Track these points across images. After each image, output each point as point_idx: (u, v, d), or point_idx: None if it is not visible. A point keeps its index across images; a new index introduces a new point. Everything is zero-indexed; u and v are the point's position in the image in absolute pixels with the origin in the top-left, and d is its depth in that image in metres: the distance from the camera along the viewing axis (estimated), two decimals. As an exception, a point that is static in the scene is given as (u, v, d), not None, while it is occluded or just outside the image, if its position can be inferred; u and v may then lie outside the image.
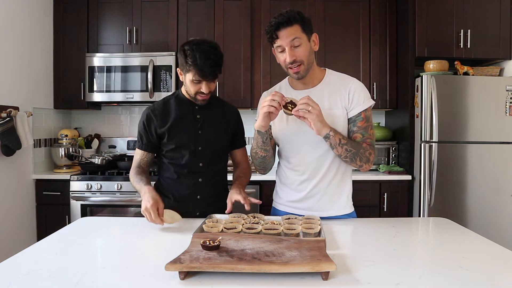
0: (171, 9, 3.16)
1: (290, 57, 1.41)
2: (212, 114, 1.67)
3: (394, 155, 3.18)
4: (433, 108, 2.78)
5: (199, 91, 1.55)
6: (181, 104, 1.66)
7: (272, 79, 3.11)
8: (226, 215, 1.49)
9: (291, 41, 1.40)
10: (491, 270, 1.01)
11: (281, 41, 1.40)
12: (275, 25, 1.40)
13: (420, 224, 1.62)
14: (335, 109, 1.48)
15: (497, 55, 2.95)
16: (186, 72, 1.53)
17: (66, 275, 0.98)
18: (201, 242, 1.04)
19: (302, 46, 1.41)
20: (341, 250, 1.15)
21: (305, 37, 1.42)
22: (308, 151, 1.52)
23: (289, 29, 1.39)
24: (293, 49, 1.41)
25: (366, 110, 1.48)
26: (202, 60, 1.46)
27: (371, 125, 1.50)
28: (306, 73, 1.47)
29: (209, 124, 1.66)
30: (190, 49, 1.48)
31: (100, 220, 1.67)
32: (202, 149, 1.63)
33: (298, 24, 1.41)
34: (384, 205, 2.90)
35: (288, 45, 1.40)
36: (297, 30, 1.40)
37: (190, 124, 1.63)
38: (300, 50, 1.42)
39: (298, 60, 1.42)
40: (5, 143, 2.57)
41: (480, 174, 2.81)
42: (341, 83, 1.51)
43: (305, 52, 1.43)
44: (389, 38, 3.17)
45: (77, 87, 3.17)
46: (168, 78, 3.08)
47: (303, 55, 1.42)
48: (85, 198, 2.85)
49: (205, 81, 1.52)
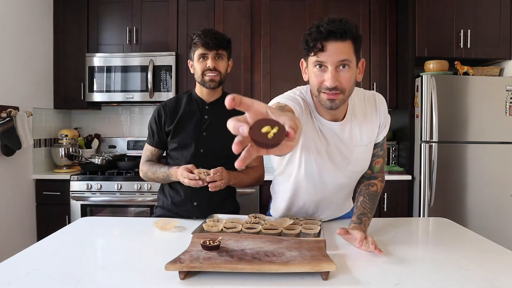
0: (171, 9, 3.16)
1: (333, 81, 1.10)
2: (221, 115, 1.58)
3: (394, 155, 3.18)
4: (433, 108, 2.78)
5: (205, 67, 1.55)
6: (191, 102, 1.64)
7: (272, 79, 3.11)
8: (226, 215, 1.49)
9: (341, 61, 1.10)
10: (491, 270, 1.01)
11: (327, 57, 1.09)
12: (325, 33, 1.07)
13: (420, 224, 1.62)
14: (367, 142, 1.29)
15: (497, 55, 2.95)
16: (193, 54, 1.58)
17: (66, 275, 0.98)
18: (201, 242, 1.04)
19: (349, 71, 1.11)
20: (341, 250, 1.15)
21: (354, 60, 1.13)
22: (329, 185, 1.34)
23: (342, 45, 1.09)
24: (339, 72, 1.11)
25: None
26: (205, 33, 1.53)
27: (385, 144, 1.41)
28: (342, 104, 1.16)
29: (216, 125, 1.60)
30: (195, 32, 1.57)
31: (100, 220, 1.67)
32: (204, 152, 1.59)
33: (352, 41, 1.11)
34: (384, 205, 2.90)
35: (334, 65, 1.10)
36: (350, 48, 1.10)
37: (196, 124, 1.60)
38: (346, 76, 1.11)
39: (340, 88, 1.11)
40: (5, 143, 2.57)
41: (480, 174, 2.81)
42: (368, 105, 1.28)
43: (351, 79, 1.13)
44: (389, 38, 3.17)
45: (77, 87, 3.17)
46: (168, 78, 3.08)
47: (347, 82, 1.12)
48: (85, 198, 2.85)
49: (210, 52, 1.54)
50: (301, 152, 1.26)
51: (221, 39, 1.56)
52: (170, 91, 3.06)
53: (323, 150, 1.26)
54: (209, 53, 1.54)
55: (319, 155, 1.26)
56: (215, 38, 1.53)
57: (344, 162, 1.30)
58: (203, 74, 1.56)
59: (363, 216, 1.25)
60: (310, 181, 1.32)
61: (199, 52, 1.55)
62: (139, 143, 3.42)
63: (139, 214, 2.85)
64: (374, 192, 1.34)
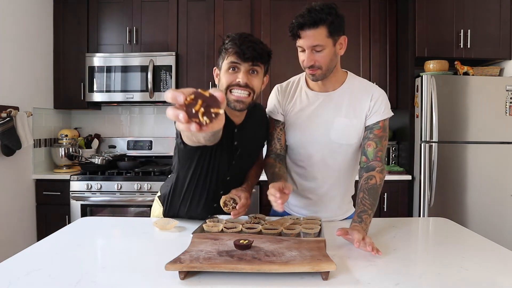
0: (171, 9, 3.16)
1: (309, 61, 1.32)
2: (252, 138, 1.43)
3: (394, 155, 3.18)
4: (433, 108, 2.78)
5: (234, 82, 1.27)
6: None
7: (272, 79, 3.11)
8: (226, 215, 1.48)
9: (313, 46, 1.30)
10: (491, 270, 1.01)
11: (303, 42, 1.31)
12: (299, 24, 1.28)
13: (420, 224, 1.62)
14: (352, 118, 1.41)
15: (497, 55, 2.95)
16: (222, 60, 1.31)
17: (66, 275, 0.98)
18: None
19: (324, 51, 1.31)
20: (341, 250, 1.15)
21: (330, 42, 1.31)
22: (317, 156, 1.46)
23: (313, 32, 1.28)
24: (314, 53, 1.32)
25: (385, 120, 1.43)
26: (241, 40, 1.26)
27: (386, 136, 1.43)
28: (323, 77, 1.38)
29: (246, 151, 1.43)
30: (230, 35, 1.32)
31: (100, 220, 1.67)
32: (230, 179, 1.45)
33: (325, 26, 1.28)
34: (384, 205, 2.90)
35: (309, 49, 1.31)
36: (322, 33, 1.28)
37: (225, 152, 1.38)
38: (320, 56, 1.32)
39: (317, 65, 1.33)
40: (5, 143, 2.57)
41: (480, 174, 2.81)
42: (364, 90, 1.43)
43: (326, 58, 1.33)
44: (389, 38, 3.17)
45: (77, 87, 3.17)
46: (168, 78, 3.08)
47: (322, 61, 1.33)
48: (85, 198, 2.85)
49: (244, 64, 1.26)
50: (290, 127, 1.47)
51: (261, 50, 1.28)
52: (170, 91, 3.06)
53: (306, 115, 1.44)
54: (242, 65, 1.27)
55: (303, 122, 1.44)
56: (254, 48, 1.26)
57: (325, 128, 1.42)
58: (229, 89, 1.28)
59: (364, 214, 1.25)
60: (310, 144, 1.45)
61: (230, 60, 1.27)
62: (139, 143, 3.42)
63: (139, 214, 2.85)
64: (374, 185, 1.33)
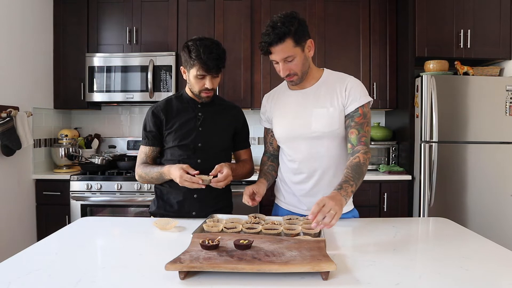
0: (171, 9, 3.16)
1: (284, 71, 1.45)
2: (214, 112, 1.68)
3: (394, 155, 3.18)
4: (433, 108, 2.78)
5: (203, 88, 1.56)
6: (183, 102, 1.68)
7: (272, 79, 3.12)
8: (227, 215, 1.49)
9: (284, 58, 1.42)
10: (491, 270, 1.01)
11: (275, 56, 1.43)
12: (266, 44, 1.41)
13: (420, 224, 1.62)
14: (330, 107, 1.50)
15: (497, 55, 2.95)
16: (190, 68, 1.55)
17: (66, 275, 0.98)
18: (200, 241, 1.04)
19: (295, 60, 1.43)
20: (341, 250, 1.15)
21: (298, 50, 1.43)
22: (305, 148, 1.53)
23: (281, 46, 1.40)
24: (287, 63, 1.44)
25: (364, 106, 1.48)
26: (206, 54, 1.48)
27: (368, 121, 1.49)
28: (301, 81, 1.51)
29: (210, 120, 1.66)
30: (194, 44, 1.51)
31: (100, 220, 1.67)
32: (202, 145, 1.63)
33: (291, 37, 1.40)
34: (384, 205, 2.90)
35: (282, 61, 1.43)
36: (289, 45, 1.40)
37: (191, 122, 1.64)
38: (293, 64, 1.44)
39: (292, 73, 1.46)
40: (5, 143, 2.57)
41: (480, 174, 2.81)
42: (338, 81, 1.53)
43: (299, 64, 1.45)
44: (389, 38, 3.17)
45: (77, 87, 3.17)
46: (168, 78, 3.08)
47: (296, 68, 1.45)
48: (85, 198, 2.85)
49: (209, 75, 1.53)
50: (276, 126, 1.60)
51: (222, 59, 1.54)
52: (170, 91, 3.07)
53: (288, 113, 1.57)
54: (207, 75, 1.54)
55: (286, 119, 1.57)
56: (217, 60, 1.51)
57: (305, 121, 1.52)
58: (200, 91, 1.58)
59: (345, 183, 1.32)
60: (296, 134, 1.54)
61: (198, 71, 1.53)
62: (139, 143, 3.40)
63: (139, 214, 2.85)
64: (357, 162, 1.40)
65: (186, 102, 1.68)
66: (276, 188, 1.71)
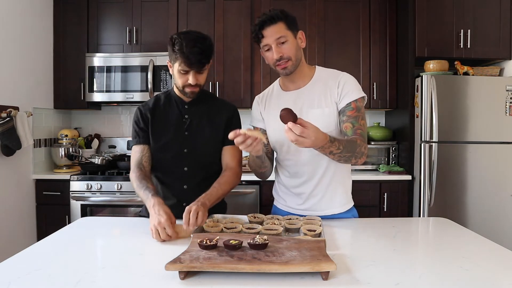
0: (171, 9, 3.16)
1: (277, 53, 1.41)
2: (202, 114, 1.59)
3: (394, 155, 3.18)
4: (433, 108, 2.78)
5: (186, 83, 1.48)
6: (170, 102, 1.60)
7: (272, 79, 3.10)
8: (226, 215, 1.49)
9: (277, 38, 1.40)
10: (491, 270, 1.01)
11: (267, 39, 1.41)
12: (259, 24, 1.40)
13: (420, 224, 1.62)
14: (325, 107, 1.47)
15: (497, 55, 2.95)
16: (173, 62, 1.48)
17: (66, 275, 0.98)
18: (198, 241, 1.04)
19: (288, 42, 1.42)
20: (341, 250, 1.15)
21: (290, 34, 1.43)
22: (302, 152, 1.49)
23: (274, 27, 1.40)
24: (280, 46, 1.41)
25: (357, 100, 1.44)
26: (188, 48, 1.41)
27: (362, 116, 1.45)
28: (294, 68, 1.46)
29: (197, 124, 1.57)
30: (178, 37, 1.44)
31: (100, 220, 1.67)
32: (187, 152, 1.55)
33: (282, 21, 1.41)
34: (384, 205, 2.90)
35: (274, 43, 1.41)
36: (282, 27, 1.41)
37: (177, 124, 1.56)
38: (286, 47, 1.42)
39: (285, 56, 1.42)
40: (5, 143, 2.57)
41: (480, 174, 2.81)
42: (331, 78, 1.50)
43: (292, 48, 1.43)
44: (389, 38, 3.17)
45: (77, 87, 3.17)
46: (168, 78, 3.08)
47: (290, 51, 1.42)
48: (85, 198, 2.85)
49: (192, 70, 1.45)
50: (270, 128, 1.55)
51: (206, 55, 1.44)
52: (170, 91, 3.07)
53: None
54: (190, 70, 1.45)
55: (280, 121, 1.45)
56: (200, 54, 1.41)
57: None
58: (184, 86, 1.50)
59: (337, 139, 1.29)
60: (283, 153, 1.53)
61: (180, 66, 1.44)
62: (139, 143, 3.41)
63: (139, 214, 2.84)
64: (352, 139, 1.37)
65: (174, 101, 1.60)
66: (275, 191, 1.69)
